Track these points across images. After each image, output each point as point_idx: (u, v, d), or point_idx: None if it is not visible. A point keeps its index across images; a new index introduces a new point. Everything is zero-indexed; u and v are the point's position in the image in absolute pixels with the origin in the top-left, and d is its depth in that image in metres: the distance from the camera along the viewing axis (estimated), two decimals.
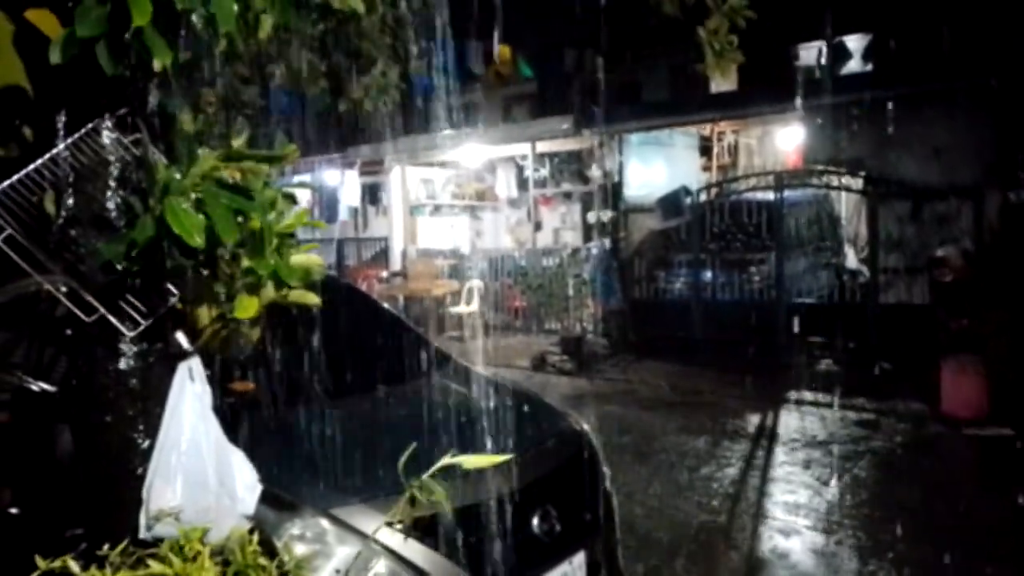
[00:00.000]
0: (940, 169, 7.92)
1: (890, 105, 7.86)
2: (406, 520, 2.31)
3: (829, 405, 6.82)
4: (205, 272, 1.84)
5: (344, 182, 12.81)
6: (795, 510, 4.53)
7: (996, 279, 6.28)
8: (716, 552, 4.02)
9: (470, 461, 1.97)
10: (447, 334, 10.56)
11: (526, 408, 3.37)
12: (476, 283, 10.99)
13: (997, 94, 7.27)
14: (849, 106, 8.28)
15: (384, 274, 12.27)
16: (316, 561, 2.26)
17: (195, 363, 1.80)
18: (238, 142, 2.06)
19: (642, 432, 6.21)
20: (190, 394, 1.73)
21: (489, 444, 2.72)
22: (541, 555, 2.60)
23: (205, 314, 1.86)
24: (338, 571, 2.27)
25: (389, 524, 2.35)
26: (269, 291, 1.80)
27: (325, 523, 2.31)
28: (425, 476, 1.82)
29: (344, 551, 2.30)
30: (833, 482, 4.97)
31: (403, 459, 2.24)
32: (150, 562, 1.41)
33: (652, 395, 7.47)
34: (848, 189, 8.93)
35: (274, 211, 1.83)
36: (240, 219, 1.75)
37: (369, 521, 2.34)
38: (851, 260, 9.63)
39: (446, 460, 1.90)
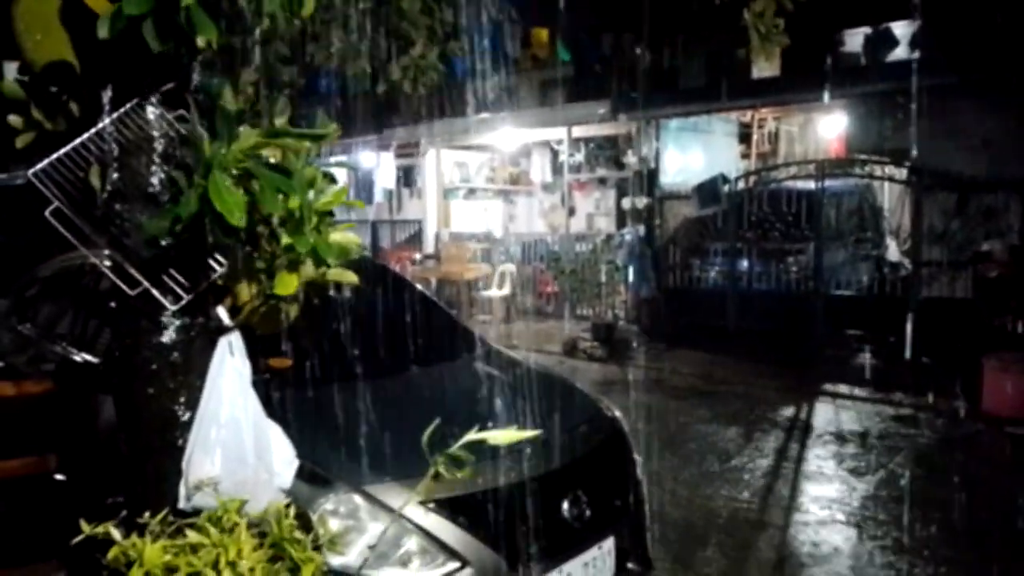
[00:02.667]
0: (988, 161, 7.67)
1: (937, 94, 7.63)
2: (434, 495, 2.34)
3: (866, 399, 6.70)
4: (246, 248, 1.86)
5: (380, 164, 12.87)
6: (828, 504, 4.47)
7: None
8: (745, 543, 3.99)
9: (496, 436, 1.96)
10: (478, 317, 10.59)
11: (558, 392, 3.36)
12: (508, 267, 10.98)
13: None
14: (894, 94, 8.06)
15: (417, 256, 12.33)
16: (349, 536, 2.29)
17: (235, 338, 1.82)
18: (280, 121, 2.07)
19: (673, 420, 6.17)
20: (230, 368, 1.76)
21: (519, 427, 2.71)
22: (570, 539, 2.60)
23: (245, 290, 1.89)
24: (370, 547, 2.30)
25: (422, 503, 2.38)
26: (308, 268, 1.81)
27: (358, 499, 2.33)
28: (452, 450, 1.81)
29: (376, 527, 2.32)
30: (867, 477, 4.89)
31: (427, 433, 2.25)
32: (188, 532, 1.43)
33: (684, 384, 7.41)
34: (892, 179, 8.71)
35: (313, 190, 1.84)
36: (281, 197, 1.76)
37: (401, 499, 2.37)
38: (893, 252, 9.41)
39: (472, 435, 1.90)
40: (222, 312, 1.81)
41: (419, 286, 4.39)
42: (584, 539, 2.64)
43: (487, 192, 13.73)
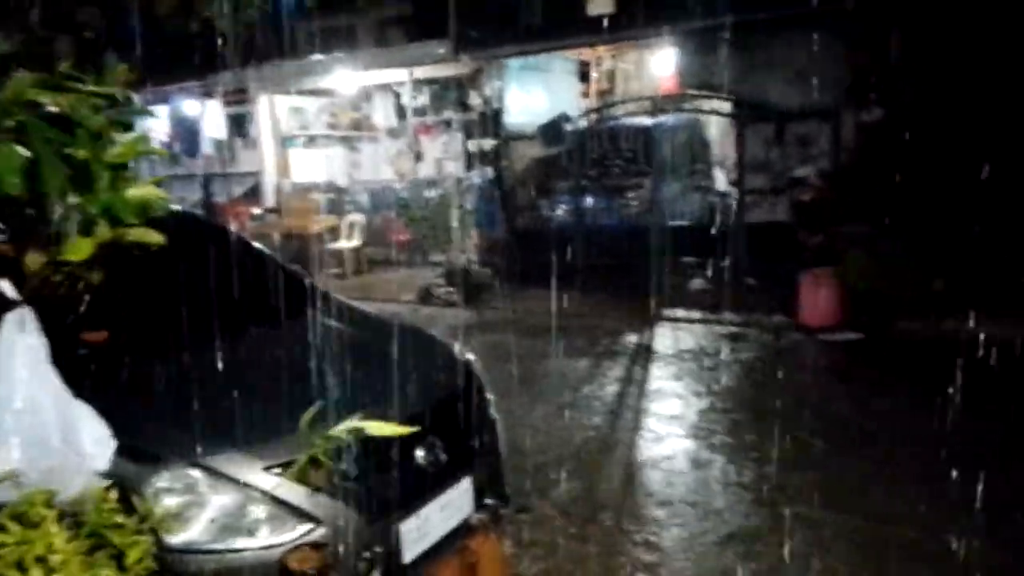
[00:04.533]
0: (801, 92, 8.29)
1: (754, 29, 8.09)
2: (280, 459, 2.26)
3: (700, 320, 7.20)
4: (30, 211, 1.65)
5: (206, 112, 11.94)
6: (670, 420, 4.80)
7: (850, 197, 6.73)
8: (597, 465, 4.21)
9: (375, 428, 1.91)
10: (328, 271, 10.26)
11: (408, 341, 3.32)
12: (356, 217, 10.67)
13: (851, 17, 7.63)
14: (717, 30, 8.46)
15: (257, 211, 11.68)
16: (189, 512, 2.18)
17: (26, 313, 1.62)
18: (64, 65, 1.82)
19: (527, 357, 6.34)
20: (22, 347, 1.57)
21: (369, 379, 2.66)
22: (426, 484, 2.61)
23: (34, 258, 1.68)
24: (213, 520, 2.19)
25: (266, 468, 2.29)
26: (104, 230, 1.63)
27: (195, 473, 2.21)
28: (333, 432, 1.74)
29: (219, 500, 2.22)
30: (703, 391, 5.29)
31: (305, 418, 2.16)
32: None
33: (536, 321, 7.61)
34: (718, 113, 9.22)
35: (104, 140, 1.64)
36: (67, 151, 1.56)
37: (245, 468, 2.27)
38: (721, 182, 10.04)
39: (352, 423, 1.83)
40: (5, 285, 1.60)
41: (255, 242, 4.15)
42: (440, 482, 2.67)
43: (329, 139, 13.14)
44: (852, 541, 3.27)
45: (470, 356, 3.31)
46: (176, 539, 2.10)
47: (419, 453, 2.63)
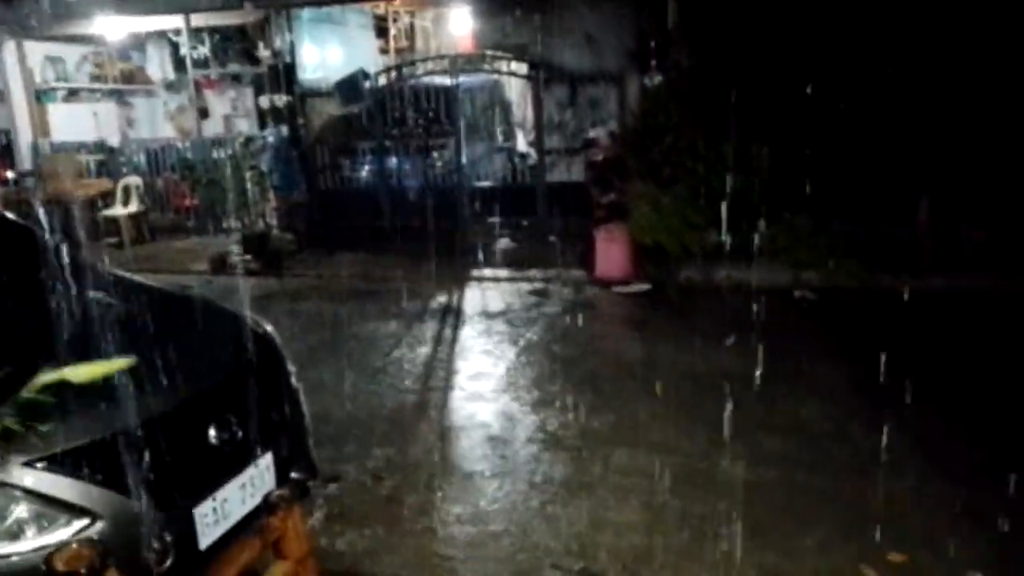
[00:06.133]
0: (592, 56, 8.67)
1: None
2: (44, 452, 2.00)
3: (505, 279, 7.40)
4: None
5: None
6: (478, 378, 4.90)
7: (635, 156, 7.18)
8: (408, 426, 4.21)
9: (77, 373, 1.68)
10: (104, 241, 9.21)
11: (196, 314, 3.07)
12: (134, 180, 9.65)
13: None
14: None
15: (10, 175, 10.16)
16: None
17: None
18: None
19: (334, 324, 6.16)
20: None
21: (146, 355, 2.41)
22: (222, 465, 2.45)
23: None
24: None
25: (26, 463, 2.02)
26: None
27: None
28: (25, 394, 1.50)
29: None
30: (509, 347, 5.46)
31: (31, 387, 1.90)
32: None
33: (343, 287, 7.40)
34: (515, 75, 9.39)
35: None
36: None
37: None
38: (522, 143, 10.30)
39: (46, 377, 1.60)
40: None
41: (6, 212, 3.60)
42: (238, 461, 2.51)
43: (95, 93, 11.68)
44: (642, 473, 3.56)
45: (267, 327, 3.12)
46: None
47: (212, 432, 2.45)
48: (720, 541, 3.01)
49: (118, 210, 9.34)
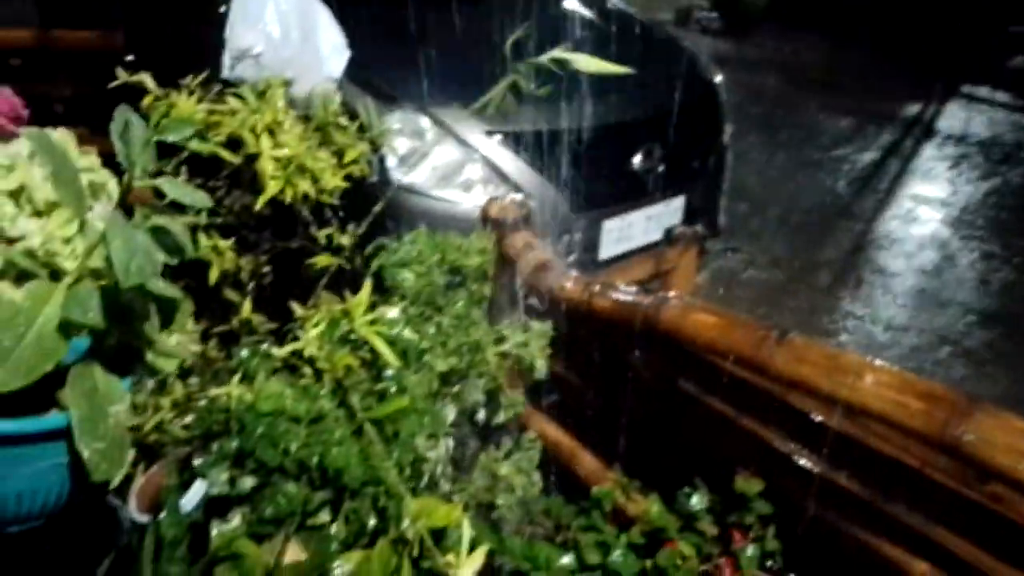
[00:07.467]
0: None
1: None
2: (500, 127, 2.27)
3: (1005, 104, 5.97)
4: None
5: None
6: (922, 202, 4.22)
7: None
8: (824, 226, 3.89)
9: (582, 61, 1.78)
10: None
11: (652, 41, 3.07)
12: None
13: None
14: None
15: None
16: (413, 159, 2.29)
17: None
18: None
19: (781, 104, 5.74)
20: None
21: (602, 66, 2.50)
22: (637, 191, 2.54)
23: None
24: (435, 169, 2.31)
25: (487, 132, 2.32)
26: None
27: (425, 121, 2.28)
28: (536, 60, 1.65)
29: (442, 151, 2.30)
30: (978, 183, 4.53)
31: (510, 40, 2.09)
32: (228, 98, 1.40)
33: (804, 68, 6.75)
34: None
35: None
36: None
37: (467, 127, 2.31)
38: None
39: (557, 53, 1.72)
40: None
41: None
42: (652, 194, 2.57)
43: None
44: None
45: (718, 77, 2.99)
46: (405, 179, 2.25)
47: (637, 159, 2.53)
48: None
49: None
